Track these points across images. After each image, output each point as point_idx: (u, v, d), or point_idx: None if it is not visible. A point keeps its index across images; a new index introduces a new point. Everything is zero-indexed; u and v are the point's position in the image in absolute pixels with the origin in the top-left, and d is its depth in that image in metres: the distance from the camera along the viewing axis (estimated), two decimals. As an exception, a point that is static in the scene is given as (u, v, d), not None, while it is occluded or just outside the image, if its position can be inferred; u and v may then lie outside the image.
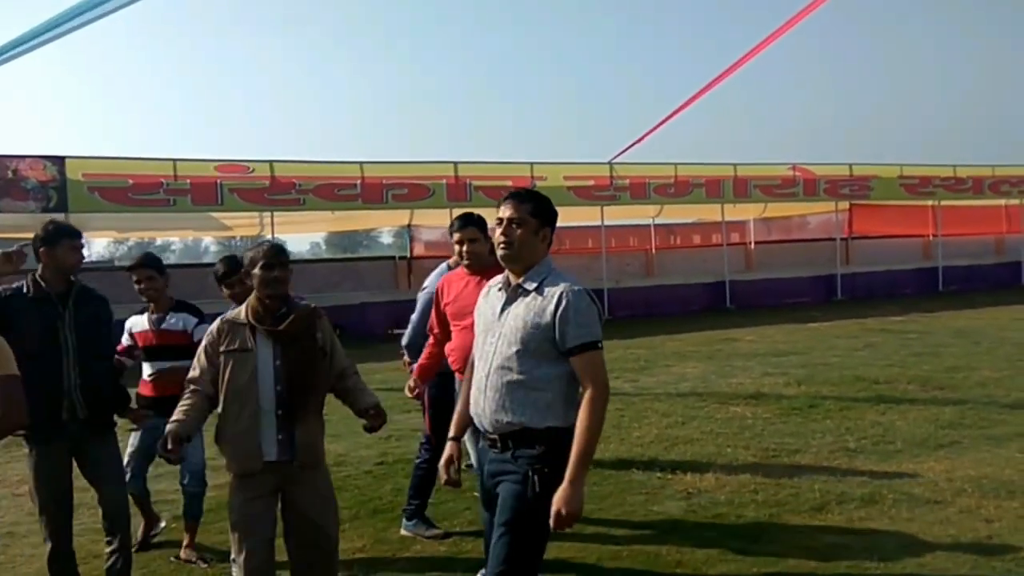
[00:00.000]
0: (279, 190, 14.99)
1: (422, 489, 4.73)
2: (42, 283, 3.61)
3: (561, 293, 2.66)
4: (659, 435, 6.75)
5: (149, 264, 4.59)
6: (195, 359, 3.22)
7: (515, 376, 2.66)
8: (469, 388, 2.89)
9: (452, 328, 4.15)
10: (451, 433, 2.96)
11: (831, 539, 4.31)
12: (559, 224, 2.89)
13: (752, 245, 22.49)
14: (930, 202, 21.29)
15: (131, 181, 14.06)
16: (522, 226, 2.72)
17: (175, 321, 4.55)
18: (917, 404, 7.46)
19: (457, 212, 4.60)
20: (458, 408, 2.99)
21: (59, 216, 13.32)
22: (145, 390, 4.61)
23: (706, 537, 4.42)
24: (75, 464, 3.73)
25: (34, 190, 13.40)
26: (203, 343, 3.21)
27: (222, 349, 3.14)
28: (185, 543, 4.56)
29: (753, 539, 4.36)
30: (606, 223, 18.14)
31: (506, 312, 2.74)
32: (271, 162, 15.11)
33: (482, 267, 4.05)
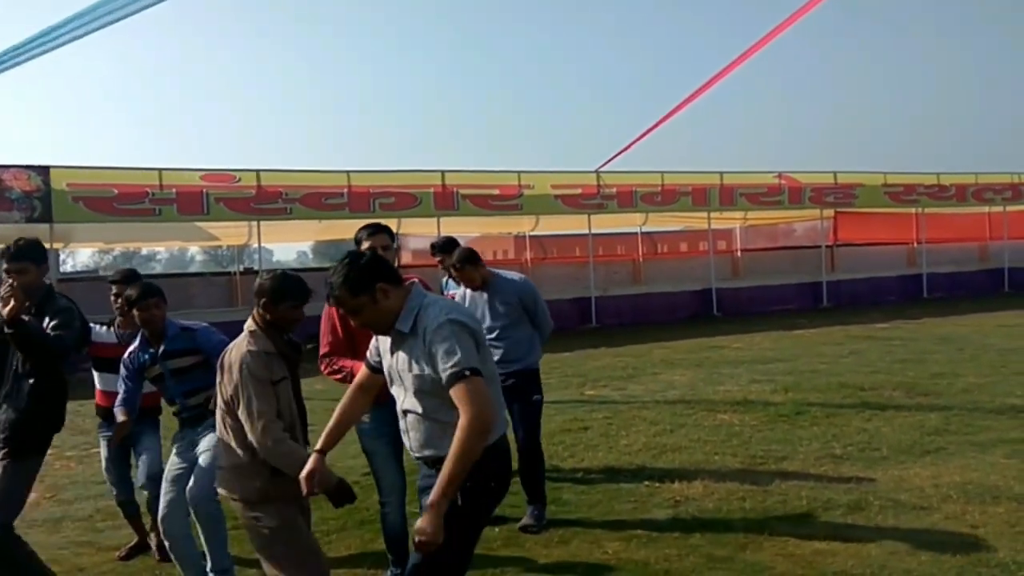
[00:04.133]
0: (266, 199, 14.94)
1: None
2: None
3: (426, 330, 2.67)
4: (647, 443, 6.75)
5: (126, 281, 4.57)
6: (257, 394, 3.05)
7: (423, 417, 2.74)
8: (346, 405, 2.99)
9: None
10: (318, 446, 2.92)
11: (818, 546, 4.31)
12: (546, 232, 2.92)
13: (739, 252, 22.61)
14: (914, 209, 21.48)
15: (116, 191, 13.96)
16: (363, 312, 2.74)
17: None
18: (902, 411, 7.50)
19: (445, 221, 4.63)
20: (329, 424, 2.96)
21: (43, 227, 13.26)
22: (101, 400, 4.62)
23: (694, 545, 4.42)
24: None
25: (18, 200, 13.29)
26: (255, 377, 3.06)
27: (273, 379, 3.12)
28: (156, 543, 4.58)
29: (740, 547, 4.37)
30: (593, 231, 18.18)
31: (395, 355, 2.79)
32: (257, 171, 15.05)
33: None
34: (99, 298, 3.95)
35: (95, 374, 4.72)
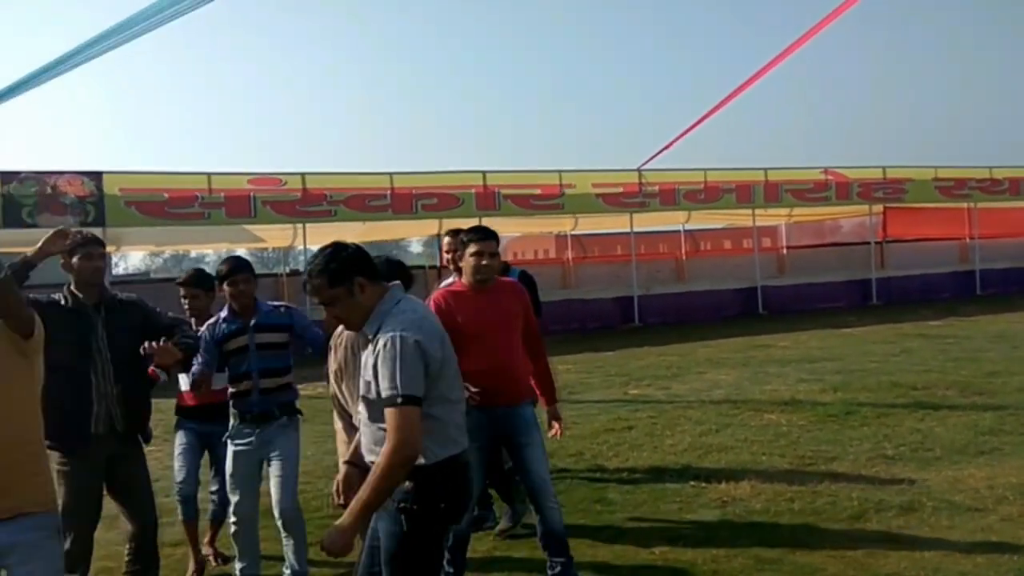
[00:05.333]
0: (311, 202, 15.18)
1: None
2: (77, 295, 3.62)
3: (377, 341, 2.59)
4: (692, 443, 6.70)
5: (195, 283, 4.72)
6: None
7: (371, 421, 2.66)
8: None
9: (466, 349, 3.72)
10: (347, 457, 2.96)
11: (869, 548, 4.24)
12: (587, 231, 2.88)
13: (784, 250, 22.27)
14: (966, 204, 20.94)
15: (167, 195, 14.32)
16: (336, 303, 2.67)
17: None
18: (956, 410, 7.32)
19: (487, 221, 4.64)
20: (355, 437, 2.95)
21: (97, 230, 13.59)
22: (187, 400, 4.67)
23: (742, 546, 4.37)
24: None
25: (72, 205, 13.70)
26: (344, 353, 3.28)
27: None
28: (207, 539, 4.71)
29: (789, 548, 4.31)
30: (636, 230, 18.07)
31: (363, 357, 2.74)
32: (303, 174, 15.30)
33: (487, 283, 4.00)
34: (151, 300, 4.03)
35: (180, 376, 4.74)
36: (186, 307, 4.70)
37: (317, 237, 18.33)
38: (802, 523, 4.67)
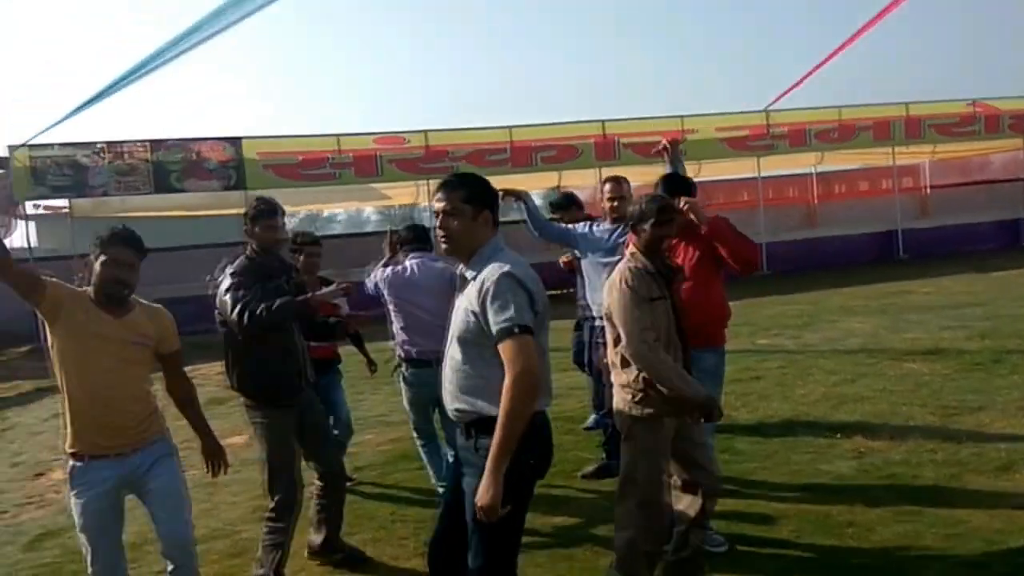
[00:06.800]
0: (433, 159, 15.47)
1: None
2: (263, 259, 3.87)
3: (484, 279, 2.54)
4: (825, 393, 6.51)
5: (318, 243, 5.25)
6: (631, 308, 3.25)
7: (462, 365, 2.62)
8: None
9: None
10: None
11: (1018, 501, 4.04)
12: (712, 178, 2.81)
13: (927, 190, 20.92)
14: None
15: (300, 158, 14.98)
16: (457, 216, 2.62)
17: None
18: (1122, 358, 6.76)
19: (606, 172, 4.68)
20: None
21: (237, 194, 14.45)
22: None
23: (879, 497, 4.26)
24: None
25: (215, 170, 14.60)
26: (633, 291, 3.26)
27: (651, 296, 3.27)
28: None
29: (930, 500, 4.16)
30: (763, 174, 17.41)
31: (457, 300, 2.70)
32: (424, 132, 15.61)
33: None
34: (290, 259, 4.33)
35: None
36: (299, 266, 4.92)
37: (440, 193, 18.77)
38: (945, 475, 4.50)
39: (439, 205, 2.65)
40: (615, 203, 4.92)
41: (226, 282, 3.72)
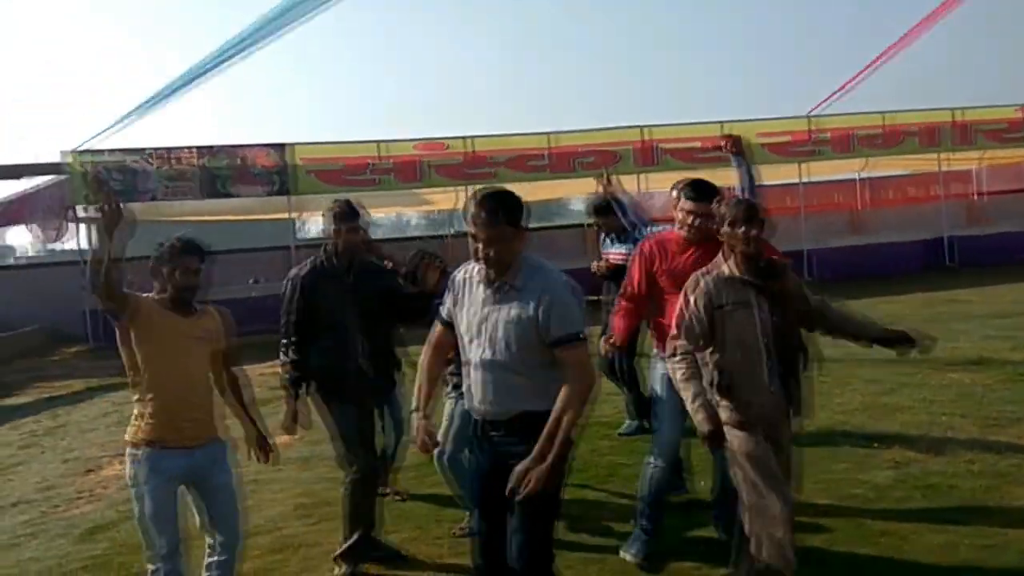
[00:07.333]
0: (474, 164, 15.60)
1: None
2: (333, 261, 4.13)
3: (543, 288, 2.69)
4: (864, 403, 6.45)
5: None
6: (680, 312, 3.22)
7: (511, 371, 2.72)
8: (429, 364, 3.00)
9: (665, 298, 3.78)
10: (423, 411, 2.93)
11: (1060, 515, 3.98)
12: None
13: (977, 196, 20.45)
14: None
15: (343, 163, 15.22)
16: (501, 241, 2.68)
17: None
18: None
19: (645, 177, 4.66)
20: (424, 388, 2.97)
21: (282, 199, 14.74)
22: None
23: (915, 507, 4.24)
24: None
25: (260, 175, 14.89)
26: (697, 299, 3.17)
27: (721, 304, 3.14)
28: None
29: (968, 511, 4.12)
30: (805, 180, 17.20)
31: (493, 309, 2.74)
32: (464, 138, 15.74)
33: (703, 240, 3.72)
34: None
35: None
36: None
37: (481, 199, 18.87)
38: (983, 486, 4.46)
39: (482, 235, 2.68)
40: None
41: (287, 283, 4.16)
